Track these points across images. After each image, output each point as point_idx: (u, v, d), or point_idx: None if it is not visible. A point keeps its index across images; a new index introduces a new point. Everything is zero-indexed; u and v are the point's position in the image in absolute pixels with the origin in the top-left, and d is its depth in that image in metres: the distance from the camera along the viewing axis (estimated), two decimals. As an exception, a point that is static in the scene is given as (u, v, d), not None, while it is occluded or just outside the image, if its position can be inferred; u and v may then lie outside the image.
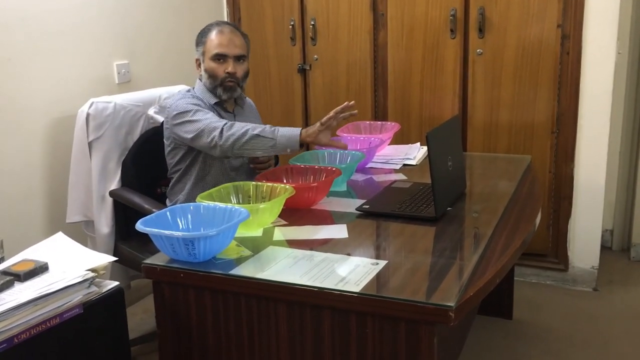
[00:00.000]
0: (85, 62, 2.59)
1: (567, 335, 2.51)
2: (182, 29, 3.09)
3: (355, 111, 2.08)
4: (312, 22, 3.16)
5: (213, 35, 2.20)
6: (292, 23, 3.20)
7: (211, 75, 2.20)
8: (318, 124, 2.01)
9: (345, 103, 2.03)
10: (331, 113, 2.01)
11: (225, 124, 2.04)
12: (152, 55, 2.92)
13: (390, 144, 2.64)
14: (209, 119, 2.07)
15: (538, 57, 2.74)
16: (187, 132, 2.11)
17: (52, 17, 2.42)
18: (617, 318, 2.62)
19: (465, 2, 2.82)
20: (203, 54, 2.22)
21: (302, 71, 3.25)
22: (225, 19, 3.38)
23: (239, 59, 2.22)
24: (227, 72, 2.19)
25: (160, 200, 2.34)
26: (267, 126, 2.03)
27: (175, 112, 2.15)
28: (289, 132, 2.00)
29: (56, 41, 2.45)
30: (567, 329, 2.55)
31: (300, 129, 2.01)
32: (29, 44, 2.34)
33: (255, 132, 1.99)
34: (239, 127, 2.02)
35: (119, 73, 2.74)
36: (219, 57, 2.19)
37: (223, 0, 3.37)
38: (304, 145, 2.03)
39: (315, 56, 3.20)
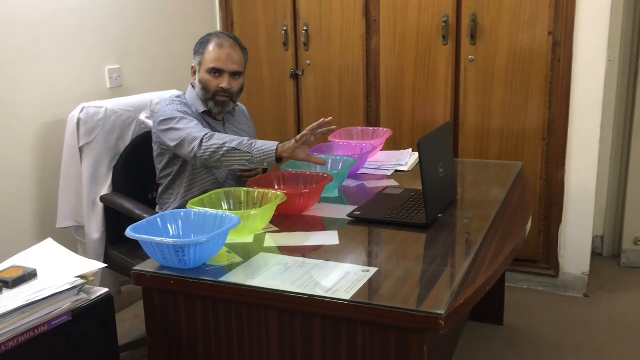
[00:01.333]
0: (77, 66, 2.58)
1: (558, 341, 2.51)
2: (174, 34, 3.09)
3: (334, 127, 2.01)
4: (305, 28, 3.16)
5: (212, 48, 2.18)
6: (284, 28, 3.21)
7: (205, 87, 2.19)
8: (293, 140, 1.95)
9: (322, 120, 1.97)
10: (306, 130, 1.95)
11: (206, 134, 2.01)
12: (144, 60, 2.92)
13: (382, 150, 2.64)
14: (191, 128, 2.05)
15: (529, 64, 2.76)
16: (170, 140, 2.10)
17: (43, 21, 2.41)
18: (608, 324, 2.63)
19: (458, 8, 2.83)
20: (200, 64, 2.20)
21: (295, 76, 3.25)
22: (218, 24, 3.38)
23: (234, 74, 2.20)
24: (221, 87, 2.17)
25: (152, 205, 2.33)
26: (245, 139, 1.99)
27: (161, 118, 2.14)
28: (266, 147, 1.96)
29: (48, 45, 2.44)
30: (558, 335, 2.56)
31: (277, 143, 1.97)
32: (21, 48, 2.33)
33: (233, 145, 1.96)
34: (218, 139, 1.99)
35: (110, 78, 2.73)
36: (215, 71, 2.17)
37: (216, 5, 3.37)
38: (282, 159, 1.98)
39: (308, 61, 3.20)
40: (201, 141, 1.99)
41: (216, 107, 2.21)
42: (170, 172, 2.25)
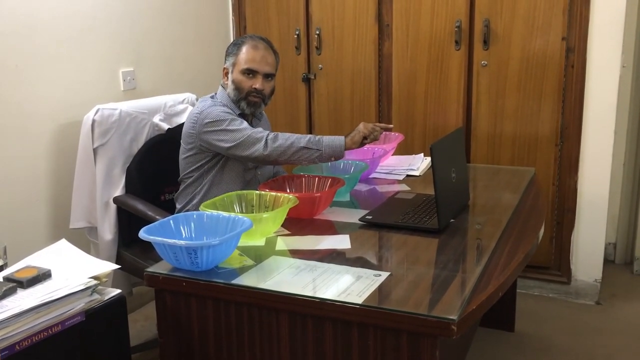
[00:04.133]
0: (91, 69, 2.60)
1: (569, 348, 2.50)
2: (187, 37, 3.11)
3: (391, 125, 2.27)
4: (317, 32, 3.17)
5: (246, 49, 2.21)
6: (297, 32, 3.22)
7: (237, 87, 2.21)
8: (361, 135, 2.07)
9: (388, 125, 2.23)
10: (377, 127, 2.10)
11: (268, 135, 2.07)
12: (157, 63, 2.94)
13: (394, 154, 2.64)
14: (247, 129, 2.09)
15: (542, 70, 2.75)
16: (223, 142, 2.11)
17: (58, 24, 2.44)
18: (620, 332, 2.61)
19: (470, 13, 2.83)
20: (233, 65, 2.22)
21: (307, 80, 3.26)
22: (231, 28, 3.40)
23: (267, 76, 2.23)
24: (254, 88, 2.20)
25: (165, 207, 2.34)
26: (311, 136, 2.07)
27: (208, 120, 2.13)
28: (334, 143, 2.05)
29: (62, 48, 2.46)
30: (570, 342, 2.54)
31: (343, 137, 2.07)
32: (36, 51, 2.36)
33: (301, 144, 2.04)
34: (284, 140, 2.05)
35: (124, 80, 2.75)
36: (249, 72, 2.20)
37: (229, 9, 3.39)
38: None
39: (320, 65, 3.21)
40: (266, 142, 2.05)
41: (248, 108, 2.23)
42: (198, 172, 2.24)
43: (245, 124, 2.14)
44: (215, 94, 2.29)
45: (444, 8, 2.87)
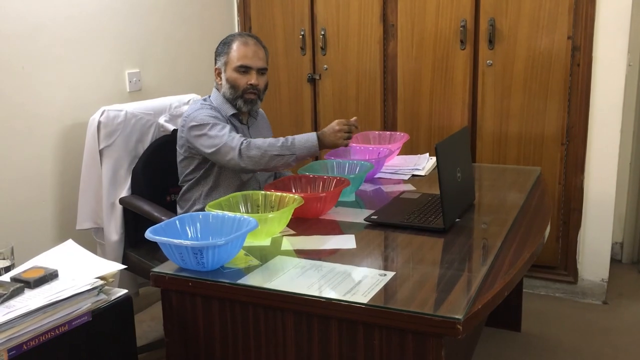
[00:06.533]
0: (97, 70, 2.61)
1: (576, 348, 2.49)
2: (193, 38, 3.12)
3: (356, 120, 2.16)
4: (322, 32, 3.17)
5: (237, 46, 2.21)
6: (302, 33, 3.22)
7: (233, 85, 2.21)
8: (340, 140, 2.07)
9: (354, 118, 2.14)
10: (348, 125, 2.08)
11: (242, 143, 2.05)
12: (163, 64, 2.95)
13: (399, 154, 2.64)
14: (225, 136, 2.08)
15: (548, 69, 2.74)
16: (205, 147, 2.12)
17: (64, 26, 2.45)
18: (627, 331, 2.60)
19: (476, 13, 2.83)
20: (225, 64, 2.22)
21: (312, 81, 3.27)
22: (236, 29, 3.40)
23: (261, 71, 2.23)
24: (250, 84, 2.20)
25: (170, 208, 2.35)
26: (283, 140, 2.05)
27: (192, 124, 2.14)
28: (308, 144, 2.04)
29: (68, 50, 2.47)
30: (576, 342, 2.53)
31: (315, 137, 2.05)
32: (42, 53, 2.37)
33: (274, 152, 2.03)
34: (257, 148, 2.04)
35: (130, 81, 2.76)
36: (243, 69, 2.20)
37: (234, 9, 3.40)
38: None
39: (325, 66, 3.21)
40: (240, 151, 2.04)
41: (245, 105, 2.23)
42: (195, 175, 2.26)
43: (226, 129, 2.11)
44: (209, 96, 2.29)
45: (449, 7, 2.87)
